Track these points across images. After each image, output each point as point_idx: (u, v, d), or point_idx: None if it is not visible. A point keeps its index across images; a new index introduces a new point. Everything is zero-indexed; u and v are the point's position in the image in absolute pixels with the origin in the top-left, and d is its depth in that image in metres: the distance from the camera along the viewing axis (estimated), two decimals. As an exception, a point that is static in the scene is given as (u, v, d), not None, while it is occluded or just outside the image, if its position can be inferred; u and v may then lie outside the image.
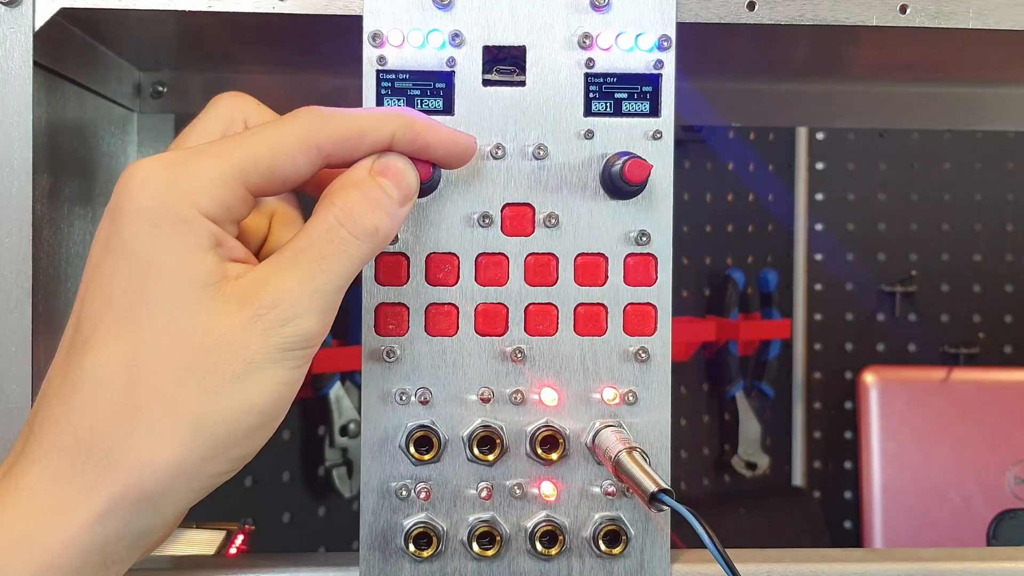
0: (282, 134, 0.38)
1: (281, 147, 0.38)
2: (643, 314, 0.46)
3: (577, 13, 0.45)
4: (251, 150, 0.38)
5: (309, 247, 0.38)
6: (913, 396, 1.27)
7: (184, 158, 0.37)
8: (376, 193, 0.39)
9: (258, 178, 0.38)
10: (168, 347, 0.36)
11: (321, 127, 0.39)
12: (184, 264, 0.36)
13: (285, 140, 0.38)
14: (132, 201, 0.36)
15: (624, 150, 0.45)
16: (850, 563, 0.48)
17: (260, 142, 0.38)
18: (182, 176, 0.36)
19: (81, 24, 0.50)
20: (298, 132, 0.38)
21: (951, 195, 1.36)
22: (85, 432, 0.35)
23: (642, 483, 0.41)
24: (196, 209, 0.36)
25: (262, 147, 0.38)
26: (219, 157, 0.37)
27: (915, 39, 0.50)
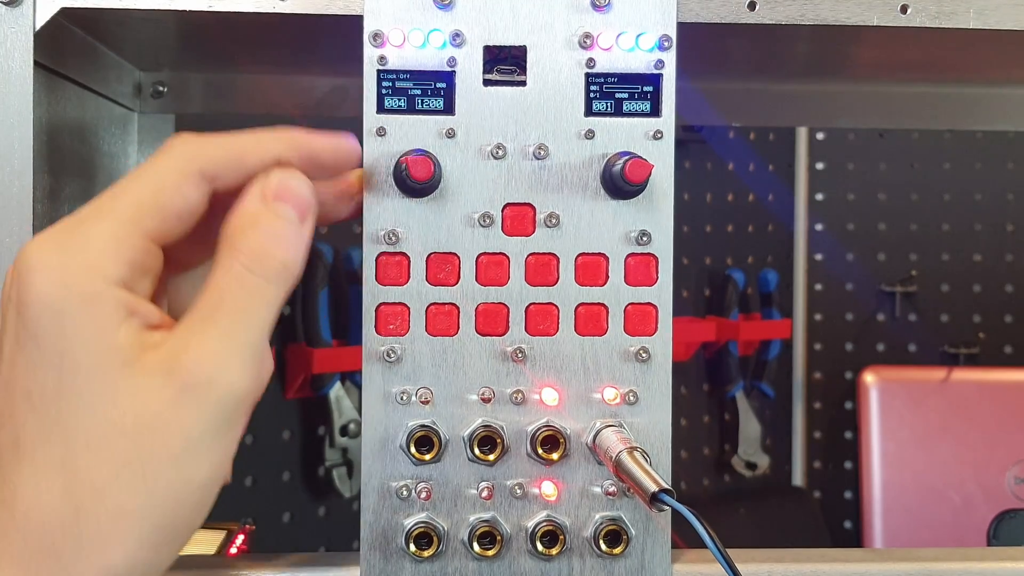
0: (160, 170, 0.36)
1: (163, 184, 0.36)
2: (644, 314, 0.46)
3: (578, 13, 0.45)
4: (134, 196, 0.36)
5: (222, 301, 0.36)
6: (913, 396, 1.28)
7: (70, 229, 0.35)
8: (277, 225, 0.37)
9: (153, 223, 0.36)
10: (99, 442, 0.34)
11: (198, 152, 0.37)
12: (98, 348, 0.34)
13: (165, 175, 0.36)
14: (31, 289, 0.34)
15: (625, 150, 0.45)
16: (850, 563, 0.48)
17: (141, 186, 0.36)
18: (74, 250, 0.34)
19: (82, 24, 0.50)
20: (176, 163, 0.37)
21: (951, 195, 1.36)
22: (35, 541, 0.33)
23: (643, 483, 0.41)
24: (100, 280, 0.34)
25: (144, 190, 0.36)
26: (104, 216, 0.35)
27: (916, 39, 0.50)
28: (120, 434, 0.34)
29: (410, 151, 0.44)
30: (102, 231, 0.35)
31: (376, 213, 0.45)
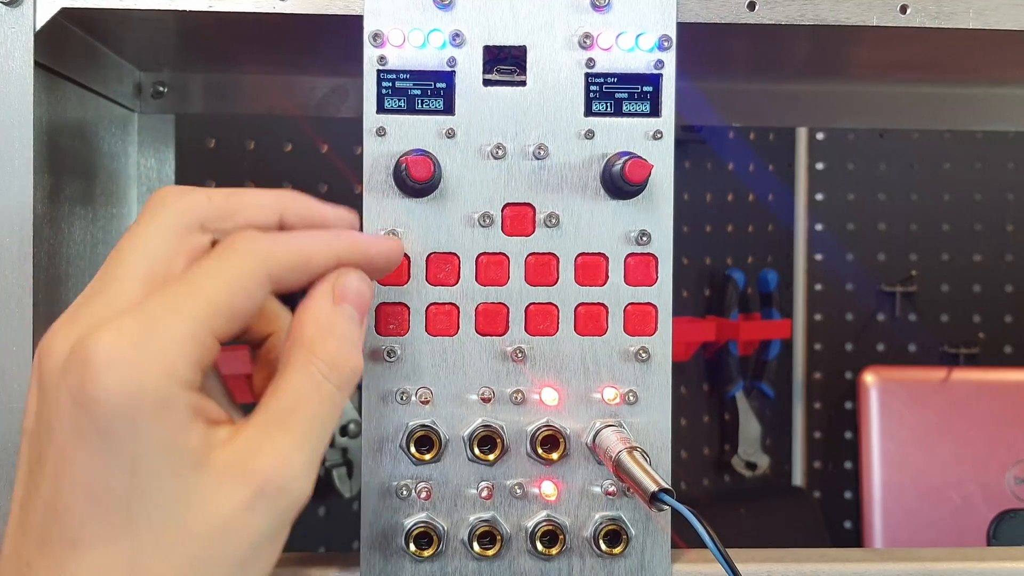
0: (234, 272, 0.36)
1: (237, 286, 0.36)
2: (643, 314, 0.46)
3: (578, 13, 0.45)
4: (210, 297, 0.35)
5: (298, 407, 0.36)
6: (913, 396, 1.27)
7: (144, 325, 0.34)
8: (347, 329, 0.38)
9: (222, 323, 0.36)
10: (169, 546, 0.34)
11: (269, 257, 0.37)
12: (172, 451, 0.34)
13: (239, 278, 0.36)
14: (103, 385, 0.33)
15: (624, 150, 0.45)
16: (850, 563, 0.48)
17: (216, 286, 0.36)
18: (150, 349, 0.33)
19: (82, 24, 0.50)
20: (249, 267, 0.36)
21: (951, 195, 1.36)
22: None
23: (643, 483, 0.41)
24: (173, 383, 0.34)
25: (220, 291, 0.36)
26: (181, 314, 0.35)
27: (915, 39, 0.50)
28: (189, 537, 0.34)
29: (410, 151, 0.44)
30: (178, 332, 0.34)
31: (376, 213, 0.45)
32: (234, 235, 0.37)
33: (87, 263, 0.56)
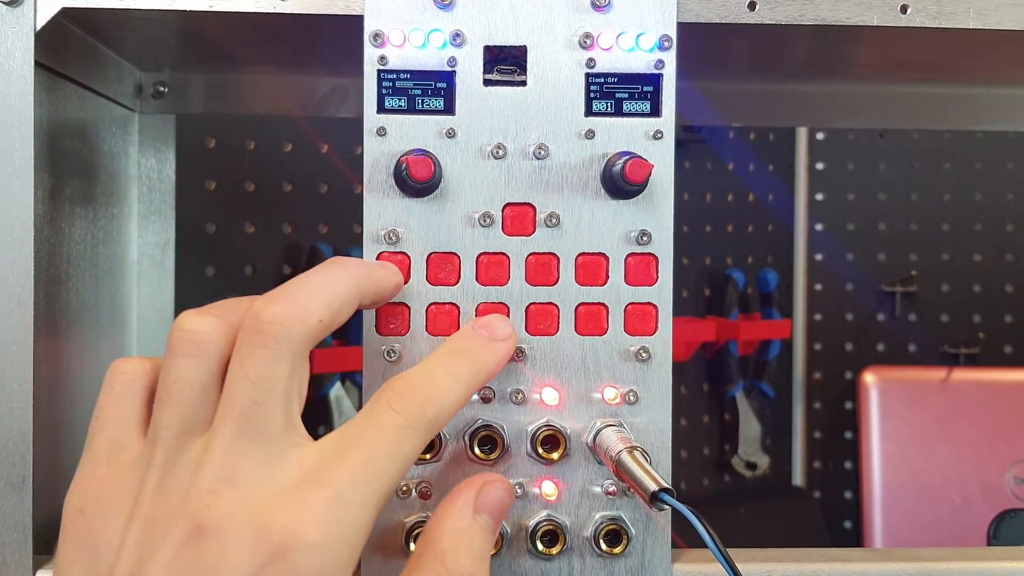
0: (408, 452, 0.37)
1: (408, 464, 0.37)
2: (644, 314, 0.46)
3: (578, 13, 0.45)
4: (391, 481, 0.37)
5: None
6: (913, 396, 1.27)
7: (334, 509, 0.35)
8: (482, 545, 0.39)
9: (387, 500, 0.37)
10: None
11: (434, 431, 0.39)
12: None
13: (413, 456, 0.38)
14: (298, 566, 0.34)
15: (625, 150, 0.45)
16: (850, 563, 0.48)
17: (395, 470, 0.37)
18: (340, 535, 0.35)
19: (82, 24, 0.50)
20: (422, 444, 0.38)
21: (951, 195, 1.36)
22: None
23: (643, 482, 0.41)
24: (350, 567, 0.35)
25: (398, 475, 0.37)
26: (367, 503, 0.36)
27: (916, 39, 0.50)
28: None
29: (410, 151, 0.44)
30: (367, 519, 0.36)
31: (376, 213, 0.45)
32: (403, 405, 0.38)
33: (87, 263, 0.56)
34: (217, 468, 0.35)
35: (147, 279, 0.69)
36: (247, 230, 1.00)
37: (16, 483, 0.45)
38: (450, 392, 0.39)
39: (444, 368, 0.40)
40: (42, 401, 0.47)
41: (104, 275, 0.60)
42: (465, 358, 0.41)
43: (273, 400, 0.36)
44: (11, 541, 0.45)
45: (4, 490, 0.45)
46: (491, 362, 0.42)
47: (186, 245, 0.73)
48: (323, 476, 0.35)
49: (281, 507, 0.34)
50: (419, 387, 0.38)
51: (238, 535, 0.34)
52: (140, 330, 0.68)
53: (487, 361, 0.42)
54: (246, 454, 0.36)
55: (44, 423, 0.47)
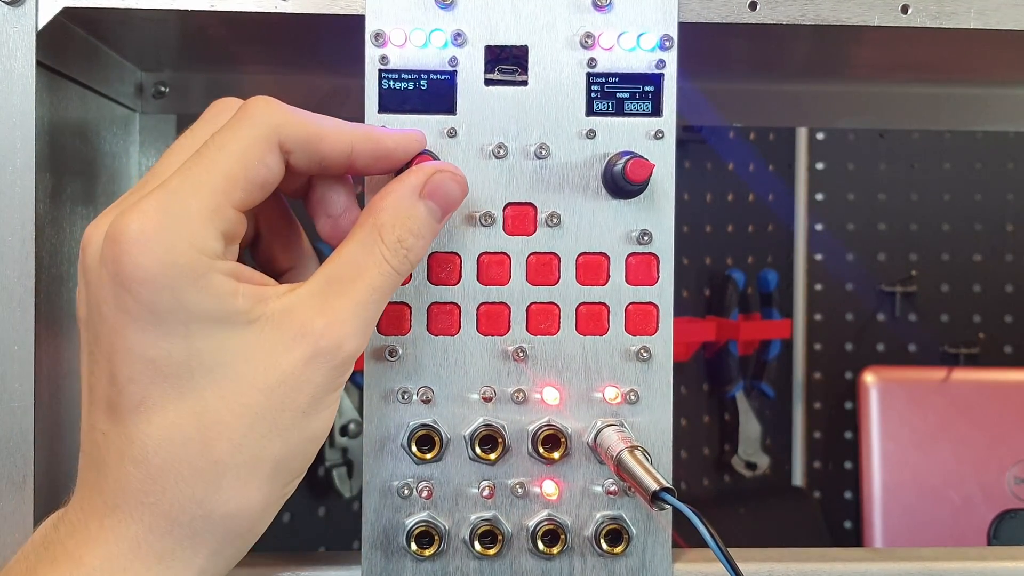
0: (246, 141, 0.38)
1: (251, 156, 0.38)
2: (645, 313, 0.46)
3: (579, 13, 0.45)
4: (225, 169, 0.37)
5: (360, 278, 0.38)
6: (913, 396, 1.27)
7: (166, 203, 0.36)
8: (424, 224, 0.40)
9: (241, 194, 0.38)
10: (234, 397, 0.36)
11: (281, 125, 0.38)
12: (220, 313, 0.36)
13: (252, 146, 0.38)
14: (137, 264, 0.35)
15: (626, 149, 0.45)
16: (850, 563, 0.48)
17: (229, 157, 0.37)
18: (176, 226, 0.36)
19: (84, 24, 0.50)
20: (262, 135, 0.38)
21: (951, 195, 1.36)
22: (173, 489, 0.36)
23: (644, 482, 0.41)
24: (204, 255, 0.36)
25: (234, 162, 0.37)
26: (200, 190, 0.37)
27: (916, 39, 0.50)
28: (252, 389, 0.36)
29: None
30: (198, 205, 0.36)
31: (378, 213, 0.45)
32: (248, 104, 0.39)
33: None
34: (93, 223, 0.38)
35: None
36: (247, 230, 0.99)
37: (17, 482, 0.45)
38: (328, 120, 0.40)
39: None
40: (43, 401, 0.47)
41: (105, 275, 0.60)
42: None
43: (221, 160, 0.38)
44: (12, 541, 0.45)
45: (5, 490, 0.45)
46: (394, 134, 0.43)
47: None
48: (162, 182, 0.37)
49: (117, 219, 0.36)
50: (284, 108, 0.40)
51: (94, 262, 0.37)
52: (141, 330, 0.68)
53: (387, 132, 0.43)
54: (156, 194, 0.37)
55: (45, 423, 0.47)
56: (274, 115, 0.38)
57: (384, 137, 0.42)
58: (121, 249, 0.35)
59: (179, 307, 0.36)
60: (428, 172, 0.41)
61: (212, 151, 0.37)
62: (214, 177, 0.37)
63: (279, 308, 0.37)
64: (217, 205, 0.37)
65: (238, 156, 0.37)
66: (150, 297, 0.35)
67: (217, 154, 0.37)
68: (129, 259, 0.35)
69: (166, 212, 0.36)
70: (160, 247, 0.35)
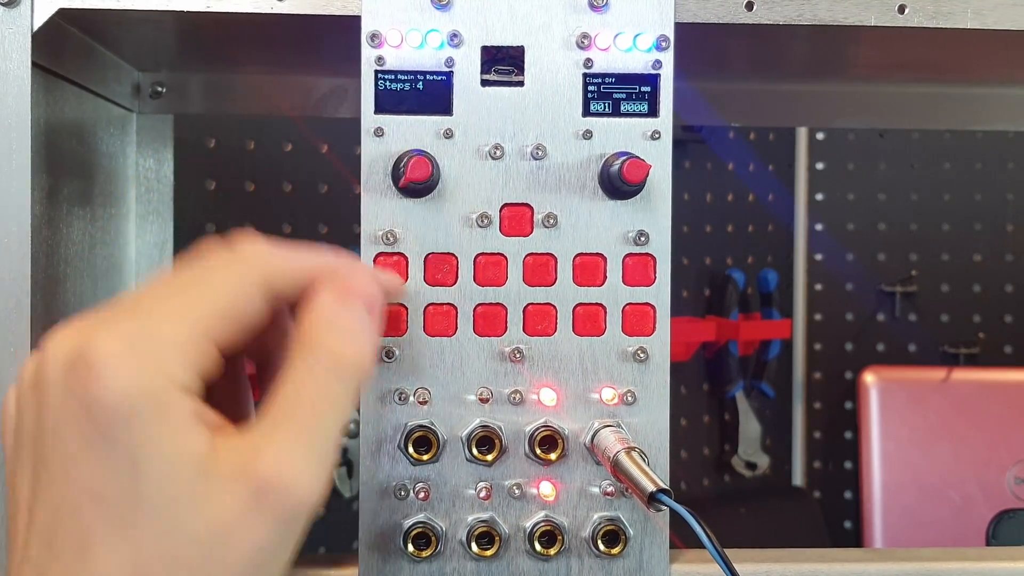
0: (234, 279, 0.36)
1: (238, 295, 0.36)
2: (642, 314, 0.46)
3: (575, 13, 0.45)
4: (212, 305, 0.35)
5: (299, 404, 0.35)
6: (913, 396, 1.27)
7: (142, 328, 0.34)
8: (351, 322, 0.37)
9: (223, 333, 0.35)
10: (171, 549, 0.33)
11: (268, 265, 0.37)
12: (173, 455, 0.33)
13: (240, 286, 0.36)
14: (103, 388, 0.32)
15: (622, 150, 0.45)
16: (850, 563, 0.48)
17: (216, 294, 0.35)
18: (149, 352, 0.33)
19: (80, 24, 0.50)
20: (249, 274, 0.36)
21: (951, 195, 1.36)
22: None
23: (641, 483, 0.41)
24: (174, 387, 0.33)
25: (219, 299, 0.35)
26: (179, 320, 0.34)
27: (914, 39, 0.50)
28: (191, 541, 0.33)
29: (408, 151, 0.44)
30: (177, 337, 0.34)
31: (374, 213, 0.45)
32: (239, 244, 0.37)
33: (85, 263, 0.56)
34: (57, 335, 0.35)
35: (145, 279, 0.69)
36: (247, 230, 0.99)
37: (14, 484, 0.45)
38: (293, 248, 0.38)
39: None
40: (40, 402, 0.47)
41: (102, 276, 0.60)
42: None
43: None
44: (9, 542, 0.45)
45: (3, 492, 0.45)
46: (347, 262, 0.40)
47: (185, 245, 0.73)
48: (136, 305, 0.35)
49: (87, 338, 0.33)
50: None
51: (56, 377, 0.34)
52: (139, 331, 0.68)
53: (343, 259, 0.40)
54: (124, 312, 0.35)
55: (42, 424, 0.47)
56: (261, 257, 0.37)
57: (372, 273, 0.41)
58: (91, 370, 0.33)
59: (133, 439, 0.33)
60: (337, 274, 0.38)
61: (199, 285, 0.36)
62: (199, 309, 0.35)
63: (226, 454, 0.34)
64: (198, 339, 0.34)
65: (226, 292, 0.35)
66: (108, 425, 0.33)
67: (204, 288, 0.36)
68: (98, 382, 0.33)
69: (145, 336, 0.33)
70: (130, 373, 0.33)
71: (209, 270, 0.36)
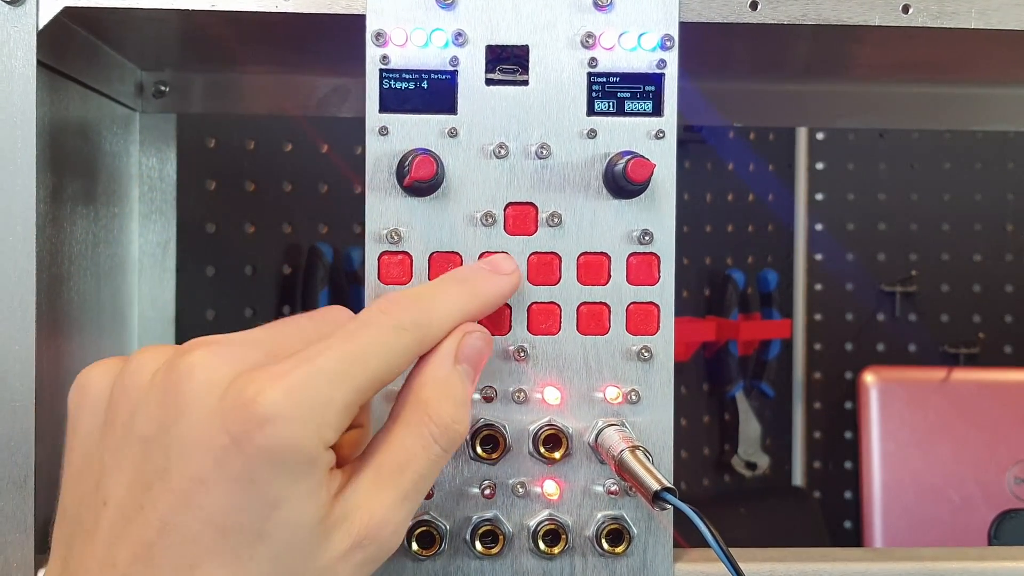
0: (396, 351, 0.37)
1: (395, 365, 0.37)
2: (646, 313, 0.46)
3: (580, 12, 0.45)
4: (372, 373, 0.36)
5: (408, 466, 0.37)
6: (913, 396, 1.27)
7: (313, 390, 0.35)
8: (463, 392, 0.39)
9: (374, 392, 0.37)
10: None
11: (424, 340, 0.39)
12: (307, 503, 0.35)
13: (399, 358, 0.37)
14: (267, 438, 0.34)
15: (627, 149, 0.45)
16: (850, 562, 0.48)
17: (378, 362, 0.37)
18: (315, 414, 0.34)
19: (84, 23, 0.50)
20: (410, 348, 0.38)
21: (951, 195, 1.36)
22: None
23: (645, 482, 0.41)
24: (324, 446, 0.35)
25: (380, 368, 0.37)
26: (346, 382, 0.36)
27: (917, 39, 0.50)
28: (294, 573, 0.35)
29: (413, 150, 0.44)
30: (340, 401, 0.35)
31: (378, 212, 0.45)
32: (394, 310, 0.38)
33: (89, 262, 0.56)
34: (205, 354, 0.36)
35: (148, 278, 0.69)
36: (247, 230, 1.00)
37: (18, 482, 0.45)
38: (443, 306, 0.40)
39: (439, 288, 0.41)
40: (44, 400, 0.47)
41: (105, 274, 0.60)
42: (463, 284, 0.42)
43: None
44: (13, 540, 0.45)
45: (6, 489, 0.45)
46: (490, 292, 0.42)
47: (187, 244, 0.73)
48: (303, 354, 0.36)
49: (253, 378, 0.34)
50: (411, 297, 0.39)
51: (205, 402, 0.34)
52: (141, 329, 0.68)
53: (486, 290, 0.42)
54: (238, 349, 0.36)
55: (46, 422, 0.47)
56: (420, 331, 0.38)
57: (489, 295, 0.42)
58: (255, 416, 0.34)
59: (279, 486, 0.34)
60: (459, 337, 0.40)
61: (364, 352, 0.36)
62: (363, 375, 0.36)
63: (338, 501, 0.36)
64: (355, 402, 0.36)
65: (386, 362, 0.37)
66: (259, 469, 0.34)
67: (369, 356, 0.36)
68: (261, 430, 0.34)
69: (312, 395, 0.35)
70: (295, 430, 0.34)
71: (371, 330, 0.37)
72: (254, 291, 1.00)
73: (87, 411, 0.37)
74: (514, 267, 0.44)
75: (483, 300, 0.42)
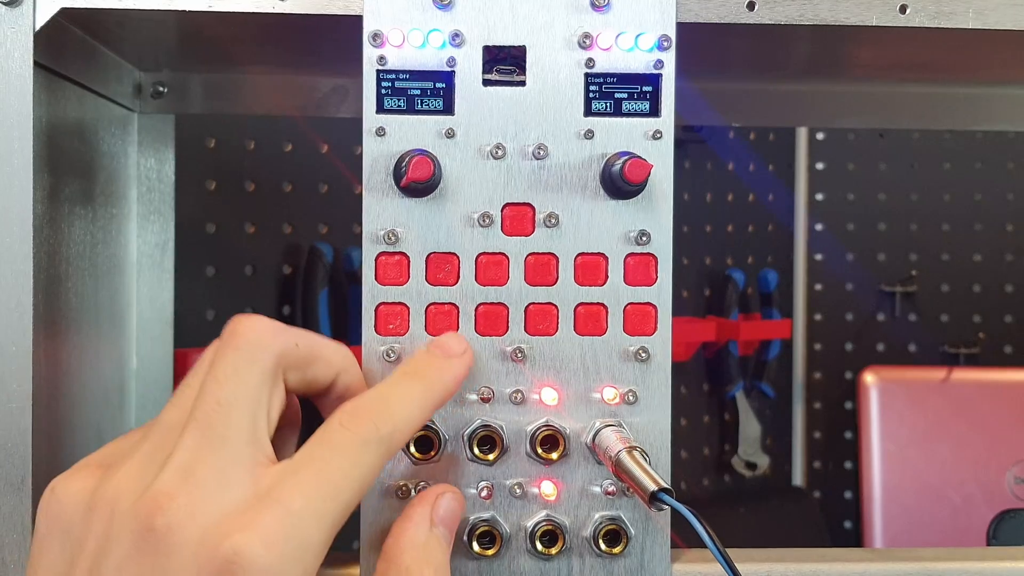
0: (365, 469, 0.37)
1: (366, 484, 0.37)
2: (643, 314, 0.46)
3: (577, 13, 0.45)
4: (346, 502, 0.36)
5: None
6: (913, 396, 1.27)
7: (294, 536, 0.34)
8: (442, 557, 0.40)
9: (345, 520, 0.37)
10: None
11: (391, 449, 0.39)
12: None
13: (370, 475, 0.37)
14: None
15: (624, 150, 0.45)
16: (850, 563, 0.48)
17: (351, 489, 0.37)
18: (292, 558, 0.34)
19: (81, 24, 0.50)
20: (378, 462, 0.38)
21: (951, 195, 1.36)
22: None
23: (642, 482, 0.41)
24: None
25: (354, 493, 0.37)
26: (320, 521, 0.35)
27: (915, 39, 0.50)
28: None
29: (410, 151, 0.44)
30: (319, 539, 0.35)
31: (376, 213, 0.45)
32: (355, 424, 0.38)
33: (86, 263, 0.56)
34: (176, 469, 0.35)
35: (147, 279, 0.69)
36: (247, 230, 1.00)
37: (15, 483, 0.45)
38: (403, 409, 0.39)
39: (395, 388, 0.41)
40: (41, 401, 0.47)
41: (103, 275, 0.60)
42: (416, 378, 0.41)
43: (237, 403, 0.36)
44: (10, 541, 0.45)
45: (3, 490, 0.45)
46: (446, 380, 0.42)
47: (186, 245, 0.73)
48: (274, 494, 0.35)
49: (231, 524, 0.34)
50: (370, 407, 0.39)
51: (185, 549, 0.34)
52: (139, 330, 0.68)
53: (441, 380, 0.42)
54: (204, 458, 0.35)
55: (43, 423, 0.47)
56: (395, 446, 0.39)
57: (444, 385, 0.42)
58: (236, 569, 0.33)
59: None
60: (431, 499, 0.41)
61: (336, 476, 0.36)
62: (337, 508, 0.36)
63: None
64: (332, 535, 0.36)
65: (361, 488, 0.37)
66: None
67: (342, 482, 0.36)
68: None
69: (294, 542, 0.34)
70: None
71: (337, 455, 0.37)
72: (254, 291, 1.00)
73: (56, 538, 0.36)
74: (464, 347, 0.44)
75: (439, 391, 0.42)
